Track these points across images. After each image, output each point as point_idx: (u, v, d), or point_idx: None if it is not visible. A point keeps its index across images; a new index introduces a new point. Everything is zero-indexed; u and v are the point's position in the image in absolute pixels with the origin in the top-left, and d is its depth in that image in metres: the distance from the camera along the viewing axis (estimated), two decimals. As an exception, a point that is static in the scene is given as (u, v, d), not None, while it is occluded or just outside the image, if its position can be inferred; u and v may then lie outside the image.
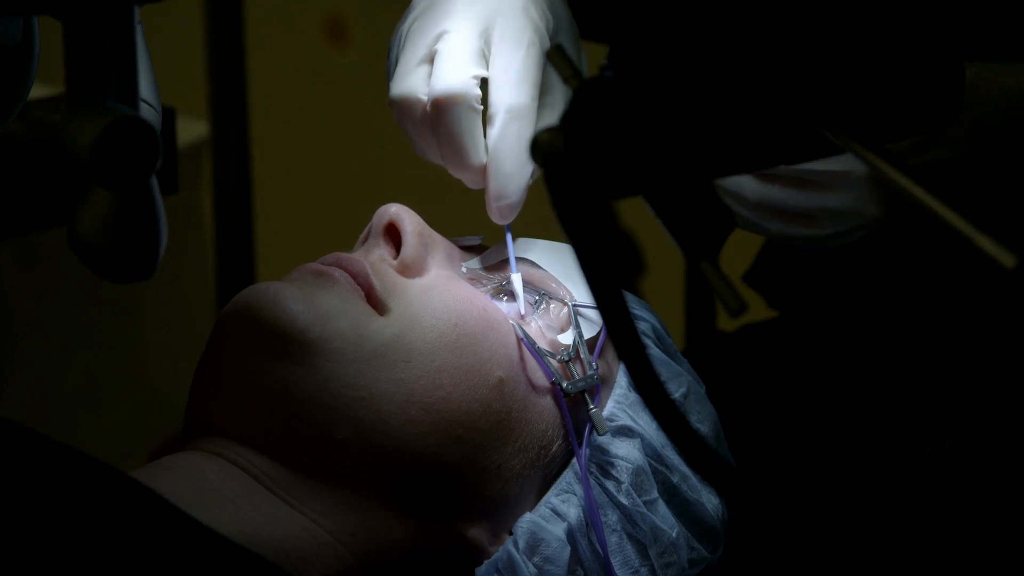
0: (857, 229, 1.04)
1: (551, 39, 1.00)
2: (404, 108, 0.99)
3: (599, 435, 0.95)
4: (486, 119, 0.98)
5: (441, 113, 0.98)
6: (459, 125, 0.97)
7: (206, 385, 0.94)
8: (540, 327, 0.98)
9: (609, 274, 0.66)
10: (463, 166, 0.99)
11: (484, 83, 0.99)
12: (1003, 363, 1.12)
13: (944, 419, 1.09)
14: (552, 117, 1.00)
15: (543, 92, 1.00)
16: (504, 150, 0.98)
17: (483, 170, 0.99)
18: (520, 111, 0.97)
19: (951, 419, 1.09)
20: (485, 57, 0.98)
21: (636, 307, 1.05)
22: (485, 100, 0.99)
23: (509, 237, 1.02)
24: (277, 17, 2.51)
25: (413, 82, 0.99)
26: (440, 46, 0.99)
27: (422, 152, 1.02)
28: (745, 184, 1.04)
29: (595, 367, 0.97)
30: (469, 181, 1.00)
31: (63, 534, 0.73)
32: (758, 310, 1.31)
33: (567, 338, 0.98)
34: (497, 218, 1.00)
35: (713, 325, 1.75)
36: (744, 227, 1.07)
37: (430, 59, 0.99)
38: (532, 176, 1.00)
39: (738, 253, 0.99)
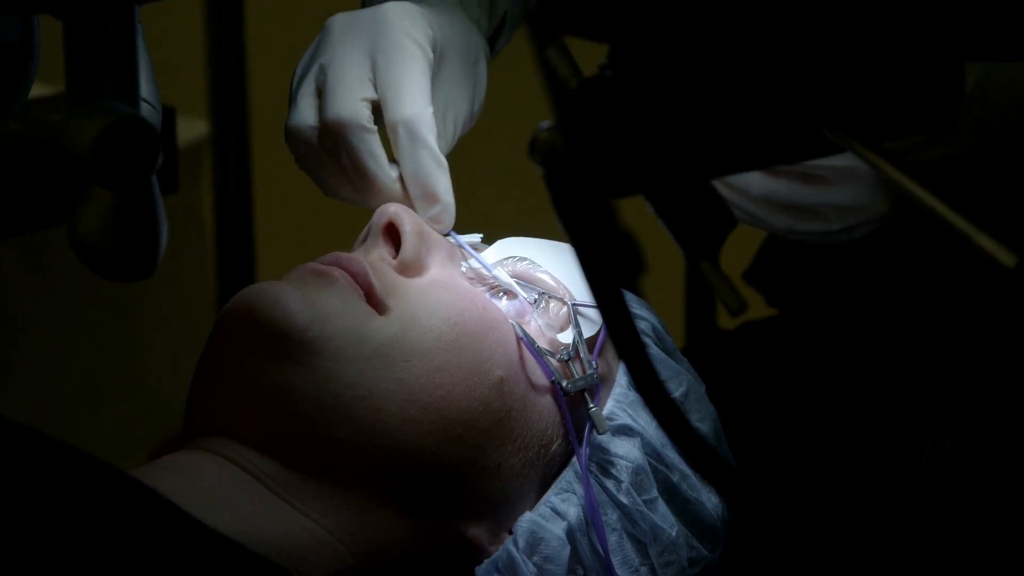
0: (864, 225, 1.04)
1: (437, 51, 1.02)
2: (298, 140, 1.01)
3: (599, 434, 0.95)
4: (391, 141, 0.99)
5: (336, 140, 0.99)
6: (357, 148, 0.99)
7: (206, 385, 0.94)
8: (540, 326, 0.98)
9: (609, 273, 0.66)
10: (375, 188, 1.00)
11: (377, 107, 1.00)
12: (1003, 363, 1.12)
13: (944, 419, 1.09)
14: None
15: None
16: (416, 161, 0.99)
17: (397, 189, 1.00)
18: (416, 120, 0.99)
19: (951, 419, 1.08)
20: (372, 82, 1.00)
21: (636, 306, 1.05)
22: (380, 122, 0.99)
23: (457, 238, 1.01)
24: (277, 17, 2.51)
25: (303, 115, 1.01)
26: (325, 79, 1.00)
27: (332, 191, 1.03)
28: (751, 179, 1.04)
29: (595, 366, 0.97)
30: (389, 200, 1.00)
31: (63, 533, 0.73)
32: (758, 308, 1.31)
33: (567, 337, 0.97)
34: (437, 228, 1.00)
35: (713, 324, 1.75)
36: (750, 222, 1.07)
37: (318, 93, 1.01)
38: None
39: (738, 251, 0.99)
